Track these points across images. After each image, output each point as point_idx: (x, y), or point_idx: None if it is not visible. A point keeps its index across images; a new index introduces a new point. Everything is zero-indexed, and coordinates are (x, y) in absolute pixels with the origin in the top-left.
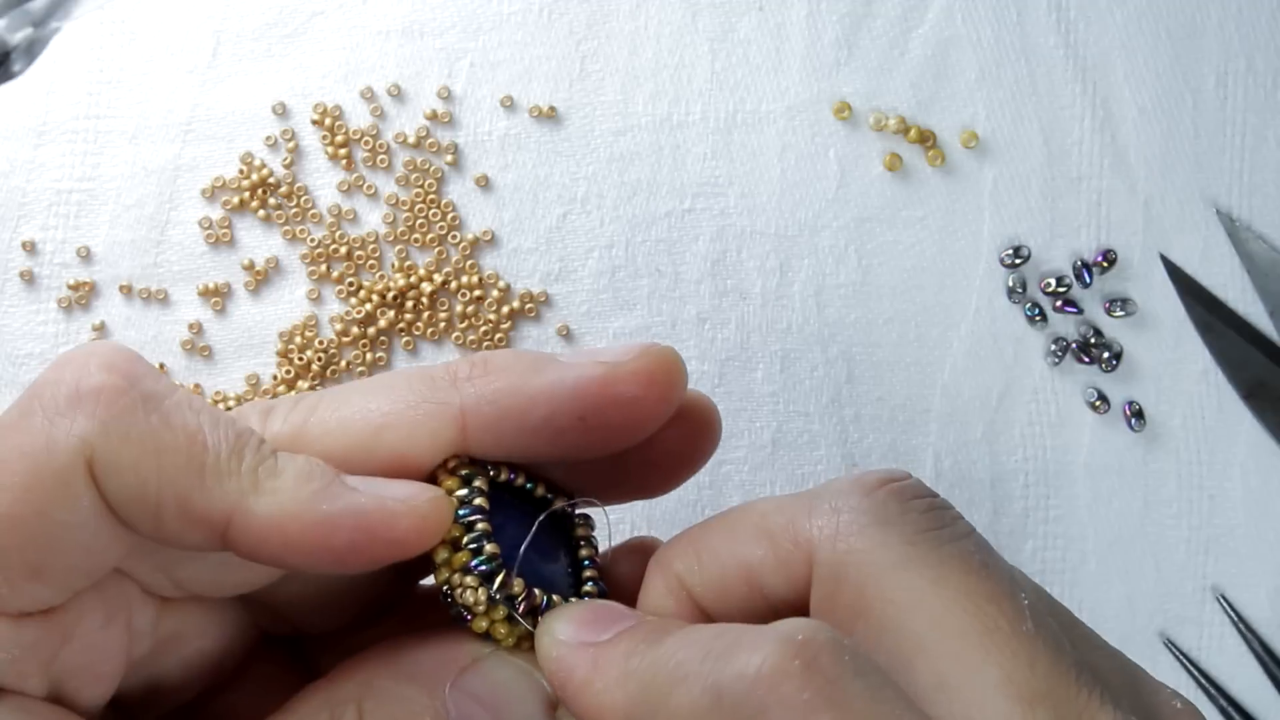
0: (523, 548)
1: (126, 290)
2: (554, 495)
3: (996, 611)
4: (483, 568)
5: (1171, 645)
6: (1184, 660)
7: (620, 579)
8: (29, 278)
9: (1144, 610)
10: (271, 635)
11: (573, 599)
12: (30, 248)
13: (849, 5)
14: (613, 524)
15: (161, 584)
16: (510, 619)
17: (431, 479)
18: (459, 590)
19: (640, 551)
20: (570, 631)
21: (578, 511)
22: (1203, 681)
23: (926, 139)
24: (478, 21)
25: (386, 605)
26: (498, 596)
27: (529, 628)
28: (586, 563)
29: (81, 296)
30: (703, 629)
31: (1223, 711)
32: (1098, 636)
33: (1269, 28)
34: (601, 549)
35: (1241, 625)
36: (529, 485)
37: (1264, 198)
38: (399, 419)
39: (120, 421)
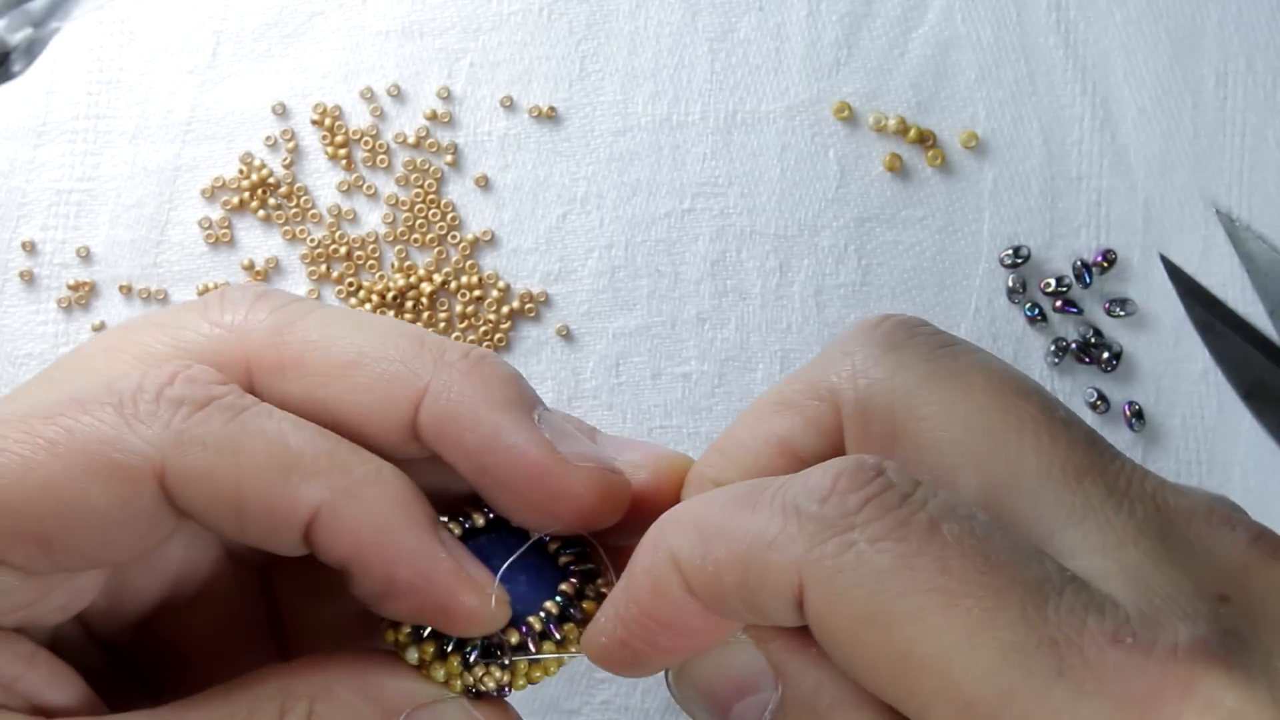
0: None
1: (126, 290)
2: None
3: (1026, 404)
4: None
5: None
6: None
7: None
8: (29, 278)
9: None
10: (235, 557)
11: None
12: (30, 248)
13: (849, 5)
14: None
15: None
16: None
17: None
18: (404, 651)
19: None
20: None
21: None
22: None
23: (926, 139)
24: (477, 21)
25: None
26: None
27: (471, 681)
28: (568, 576)
29: (81, 297)
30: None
31: None
32: None
33: (1269, 28)
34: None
35: None
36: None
37: (1264, 198)
38: (370, 365)
39: (197, 429)
